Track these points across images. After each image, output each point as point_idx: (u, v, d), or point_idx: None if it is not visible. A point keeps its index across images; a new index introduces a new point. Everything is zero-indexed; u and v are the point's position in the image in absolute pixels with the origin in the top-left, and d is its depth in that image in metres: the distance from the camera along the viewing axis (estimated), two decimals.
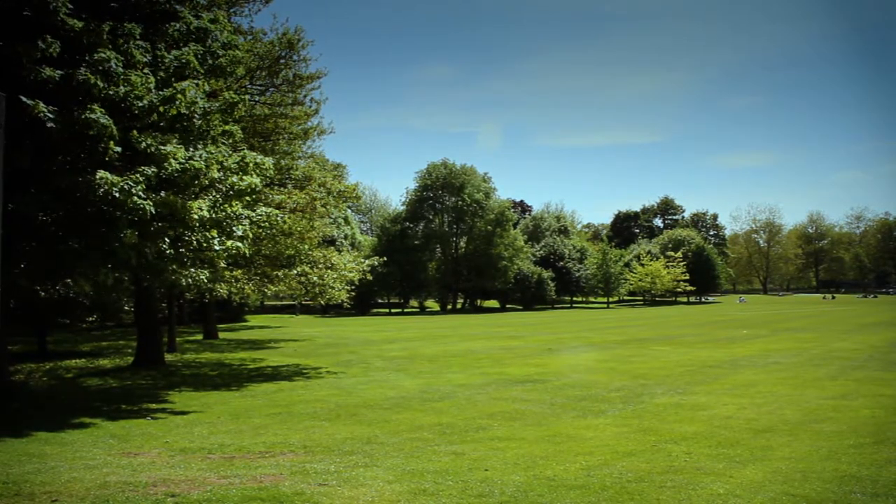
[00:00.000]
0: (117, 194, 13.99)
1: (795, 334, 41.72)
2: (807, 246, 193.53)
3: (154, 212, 14.59)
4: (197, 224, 15.81)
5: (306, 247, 30.98)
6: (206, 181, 15.99)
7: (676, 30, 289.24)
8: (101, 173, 13.96)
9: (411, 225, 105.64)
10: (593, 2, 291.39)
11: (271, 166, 18.68)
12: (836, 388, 19.46)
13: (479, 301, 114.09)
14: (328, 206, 33.24)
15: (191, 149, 16.27)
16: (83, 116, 13.95)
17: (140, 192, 14.31)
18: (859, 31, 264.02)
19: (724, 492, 9.60)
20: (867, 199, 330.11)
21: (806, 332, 43.05)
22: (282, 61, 28.64)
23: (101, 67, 14.83)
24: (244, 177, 16.94)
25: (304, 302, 65.13)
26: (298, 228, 29.65)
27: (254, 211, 18.23)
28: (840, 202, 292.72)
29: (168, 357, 30.84)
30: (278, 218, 19.68)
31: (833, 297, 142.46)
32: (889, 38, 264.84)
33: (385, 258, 48.22)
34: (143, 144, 15.02)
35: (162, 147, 15.15)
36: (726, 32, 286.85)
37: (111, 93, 14.84)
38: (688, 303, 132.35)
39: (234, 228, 17.08)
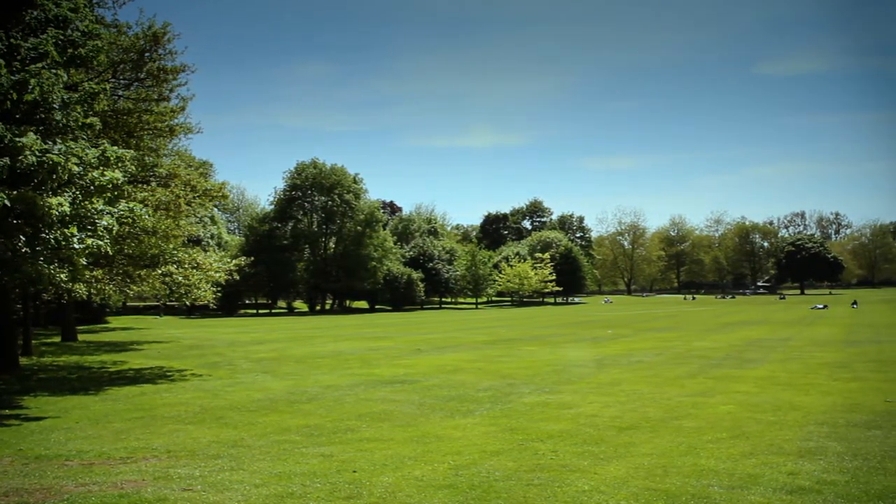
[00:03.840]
0: None
1: (658, 334, 43.04)
2: (669, 248, 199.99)
3: (8, 204, 13.91)
4: (56, 220, 15.16)
5: (171, 246, 30.21)
6: (65, 176, 15.35)
7: (549, 35, 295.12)
8: None
9: (280, 225, 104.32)
10: (471, 4, 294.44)
11: (132, 157, 18.08)
12: (695, 385, 20.14)
13: (348, 302, 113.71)
14: (193, 205, 32.51)
15: (49, 142, 15.59)
16: None
17: None
18: (729, 40, 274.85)
19: (588, 488, 9.81)
20: (726, 203, 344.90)
21: (668, 332, 44.47)
22: (147, 55, 27.80)
23: None
24: (105, 171, 16.35)
25: (168, 303, 63.50)
26: (163, 227, 28.91)
27: (115, 207, 17.61)
28: (701, 206, 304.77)
29: (23, 360, 29.59)
30: (142, 211, 19.04)
31: (693, 298, 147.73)
32: (757, 49, 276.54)
33: (252, 258, 47.55)
34: None
35: (17, 139, 14.44)
36: (597, 39, 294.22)
37: None
38: (555, 303, 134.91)
39: (96, 222, 16.45)
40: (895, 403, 16.55)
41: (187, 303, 31.14)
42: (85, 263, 17.60)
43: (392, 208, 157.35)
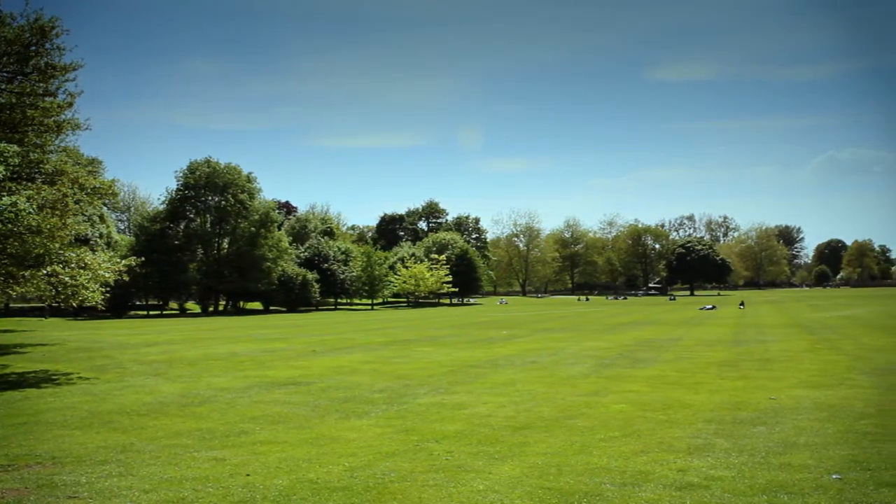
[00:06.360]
0: None
1: (552, 334, 43.56)
2: (563, 250, 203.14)
3: None
4: None
5: (57, 245, 29.29)
6: None
7: (445, 37, 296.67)
8: None
9: (172, 224, 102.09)
10: (369, 4, 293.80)
11: (16, 151, 17.44)
12: (588, 385, 20.48)
13: (242, 303, 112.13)
14: (81, 203, 31.60)
15: None
16: None
17: None
18: (619, 45, 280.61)
19: (483, 488, 9.89)
20: (619, 206, 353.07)
21: (562, 333, 45.05)
22: (32, 49, 26.94)
23: None
24: None
25: (54, 304, 61.57)
26: (48, 226, 28.01)
27: None
28: (594, 208, 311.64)
29: None
30: (25, 206, 18.37)
31: (587, 299, 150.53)
32: (648, 53, 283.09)
33: (143, 258, 46.41)
34: None
35: None
36: (492, 41, 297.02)
37: None
38: (451, 304, 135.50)
39: None
40: (778, 401, 17.12)
41: (74, 304, 30.17)
42: None
43: (288, 208, 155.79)
